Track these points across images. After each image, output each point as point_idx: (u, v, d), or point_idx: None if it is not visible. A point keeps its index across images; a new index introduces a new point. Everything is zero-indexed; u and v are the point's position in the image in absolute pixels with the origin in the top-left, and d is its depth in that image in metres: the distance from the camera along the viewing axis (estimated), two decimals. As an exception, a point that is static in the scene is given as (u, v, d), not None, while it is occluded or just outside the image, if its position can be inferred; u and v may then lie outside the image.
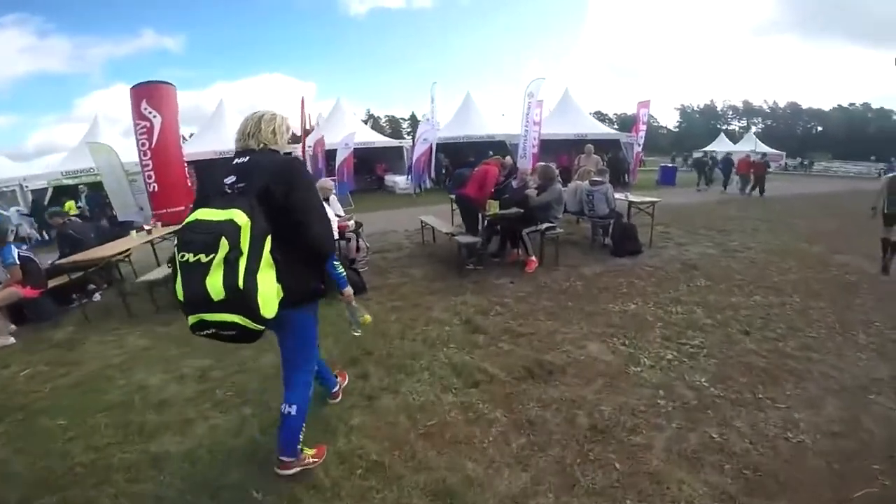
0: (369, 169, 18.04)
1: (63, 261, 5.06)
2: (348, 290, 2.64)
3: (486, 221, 5.53)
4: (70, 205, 12.76)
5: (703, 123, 59.61)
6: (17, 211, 12.74)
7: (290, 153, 2.11)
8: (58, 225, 5.86)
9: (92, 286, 5.49)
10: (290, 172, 1.82)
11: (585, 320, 3.84)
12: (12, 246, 4.74)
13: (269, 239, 1.68)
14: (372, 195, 15.93)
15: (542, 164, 6.17)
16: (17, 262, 4.61)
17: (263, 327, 1.69)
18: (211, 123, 15.99)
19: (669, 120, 70.49)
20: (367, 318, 2.90)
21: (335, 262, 2.32)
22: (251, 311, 1.62)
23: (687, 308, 4.03)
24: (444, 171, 16.55)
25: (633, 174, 16.74)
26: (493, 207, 5.15)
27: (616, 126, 26.60)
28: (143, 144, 11.13)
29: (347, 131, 16.09)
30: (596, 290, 4.62)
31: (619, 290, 4.59)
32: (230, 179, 1.77)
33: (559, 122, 17.01)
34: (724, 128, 53.34)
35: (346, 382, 2.88)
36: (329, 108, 18.23)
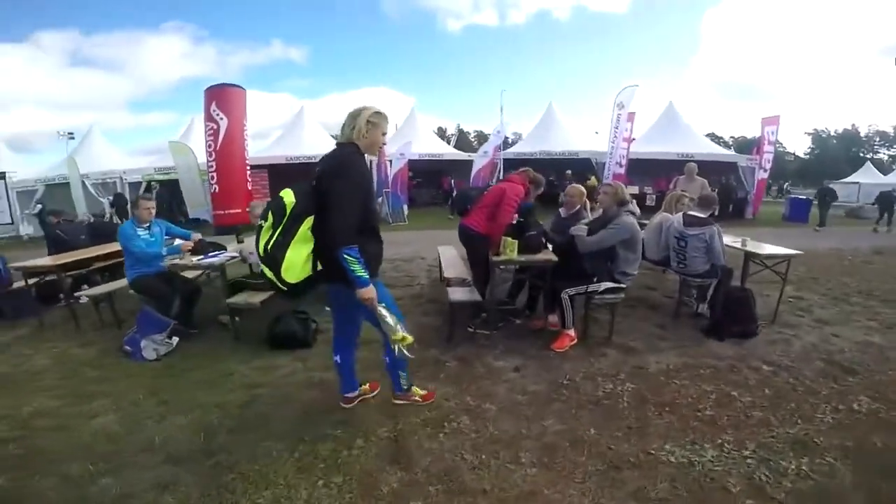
0: (437, 183, 17.10)
1: (15, 265, 4.73)
2: (364, 290, 2.07)
3: (511, 269, 3.96)
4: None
5: (841, 150, 49.99)
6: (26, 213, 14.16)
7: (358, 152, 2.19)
8: (51, 224, 5.88)
9: (85, 286, 5.04)
10: (338, 164, 2.08)
11: (606, 481, 2.00)
12: None
13: (310, 219, 2.03)
14: (434, 210, 14.88)
15: (609, 183, 4.25)
16: None
17: (286, 288, 2.06)
18: (290, 130, 16.25)
19: (797, 145, 60.68)
20: (405, 336, 2.15)
21: (349, 258, 2.02)
22: (275, 271, 2.01)
23: (828, 468, 2.06)
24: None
25: (753, 206, 13.51)
26: (510, 249, 3.45)
27: (733, 150, 22.49)
28: (209, 146, 11.32)
29: (418, 142, 15.41)
30: (655, 405, 2.63)
31: (697, 408, 2.60)
32: (318, 170, 2.12)
33: (660, 140, 14.52)
34: (868, 156, 44.46)
35: (371, 394, 2.76)
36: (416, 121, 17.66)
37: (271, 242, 1.98)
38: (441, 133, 43.69)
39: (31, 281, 4.62)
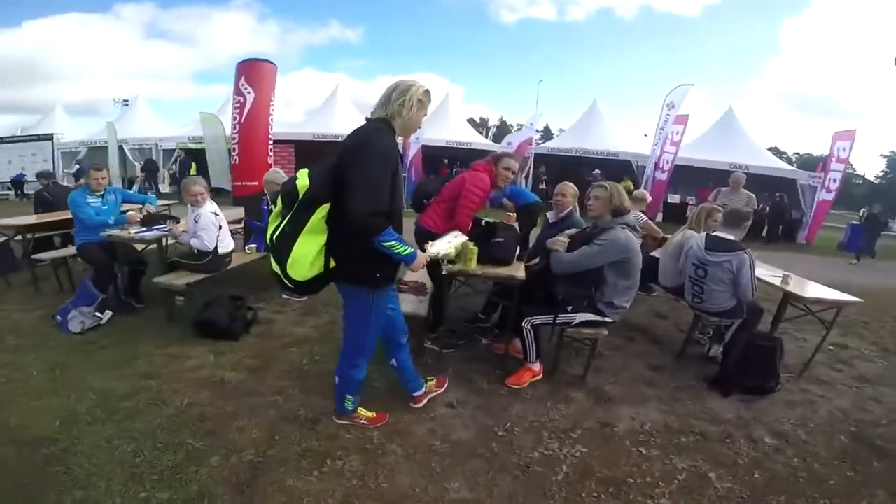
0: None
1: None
2: (415, 264, 1.92)
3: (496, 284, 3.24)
4: (192, 167, 13.93)
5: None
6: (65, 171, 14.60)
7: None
8: (42, 185, 5.90)
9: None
10: (361, 141, 1.74)
11: None
12: None
13: (325, 206, 1.72)
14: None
15: (602, 183, 2.76)
16: None
17: (292, 285, 1.78)
18: (323, 108, 16.08)
19: (868, 167, 54.28)
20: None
21: (387, 244, 1.76)
22: (281, 265, 1.75)
23: None
24: (542, 187, 14.08)
25: (809, 230, 12.00)
26: (469, 257, 2.68)
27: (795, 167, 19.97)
28: (234, 118, 11.24)
29: (448, 129, 14.84)
30: (599, 482, 1.96)
31: (652, 494, 1.93)
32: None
33: (713, 147, 13.17)
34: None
35: (438, 391, 2.53)
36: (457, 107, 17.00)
37: (278, 232, 1.75)
38: (483, 123, 42.83)
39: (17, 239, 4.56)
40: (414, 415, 2.39)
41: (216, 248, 3.50)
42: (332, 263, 1.79)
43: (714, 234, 3.09)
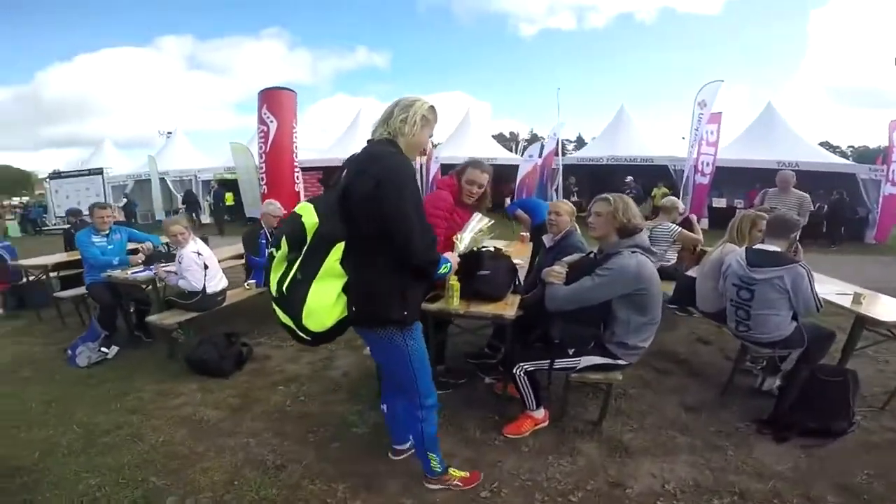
0: (498, 190, 16.18)
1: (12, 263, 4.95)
2: (453, 266, 1.80)
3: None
4: (229, 197, 14.52)
5: None
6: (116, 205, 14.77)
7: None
8: (70, 223, 6.16)
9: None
10: (390, 171, 1.49)
11: None
12: None
13: (339, 245, 1.50)
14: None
15: (606, 197, 2.21)
16: None
17: (309, 338, 1.55)
18: (347, 133, 16.34)
19: None
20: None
21: (441, 269, 1.68)
22: (295, 316, 1.50)
23: None
24: (574, 199, 13.54)
25: (877, 229, 10.77)
26: (452, 294, 2.25)
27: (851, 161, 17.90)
28: (260, 147, 11.60)
29: (469, 145, 14.66)
30: None
31: None
32: (343, 174, 1.59)
33: (754, 145, 12.25)
34: None
35: (466, 486, 1.95)
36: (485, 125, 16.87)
37: (287, 280, 1.48)
38: (513, 137, 42.51)
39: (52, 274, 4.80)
40: (389, 467, 2.10)
41: (204, 287, 3.39)
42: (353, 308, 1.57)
43: (756, 247, 2.59)
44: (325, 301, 1.49)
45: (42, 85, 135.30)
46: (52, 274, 4.75)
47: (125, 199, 15.27)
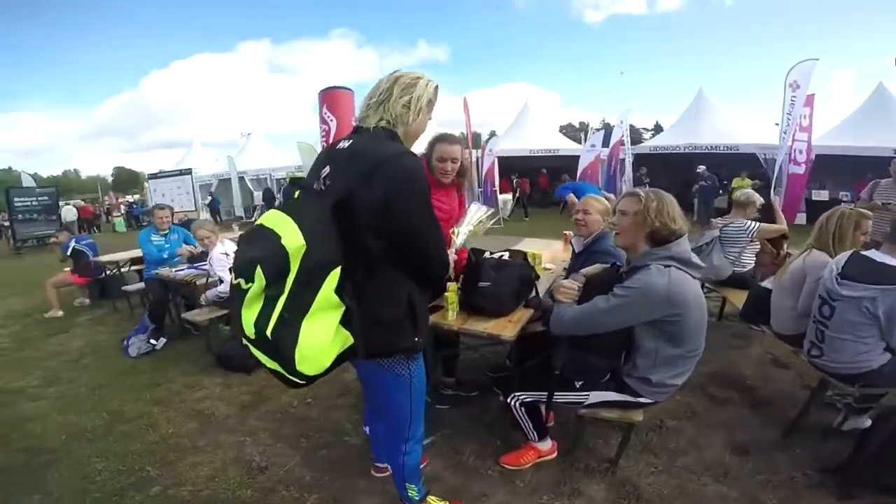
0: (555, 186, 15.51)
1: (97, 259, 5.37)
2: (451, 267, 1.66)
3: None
4: (296, 194, 15.47)
5: None
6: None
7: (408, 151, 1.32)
8: (145, 223, 6.61)
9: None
10: (392, 175, 1.20)
11: None
12: (73, 238, 5.42)
13: (335, 272, 1.15)
14: (548, 214, 13.40)
15: (635, 193, 1.75)
16: (68, 253, 5.29)
17: (304, 381, 1.20)
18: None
19: None
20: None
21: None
22: (285, 361, 1.15)
23: None
24: (645, 187, 12.47)
25: None
26: (449, 305, 2.01)
27: None
28: (322, 146, 12.14)
29: (530, 138, 14.14)
30: None
31: None
32: (325, 171, 1.27)
33: (863, 131, 10.40)
34: None
35: None
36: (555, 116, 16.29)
37: (270, 323, 1.11)
38: (583, 127, 40.58)
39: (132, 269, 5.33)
40: (367, 482, 1.99)
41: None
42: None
43: (866, 254, 2.00)
44: (321, 340, 1.17)
45: (146, 90, 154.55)
46: (133, 268, 5.26)
47: (210, 197, 16.81)
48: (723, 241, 3.45)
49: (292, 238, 1.10)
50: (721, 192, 11.42)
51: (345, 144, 1.29)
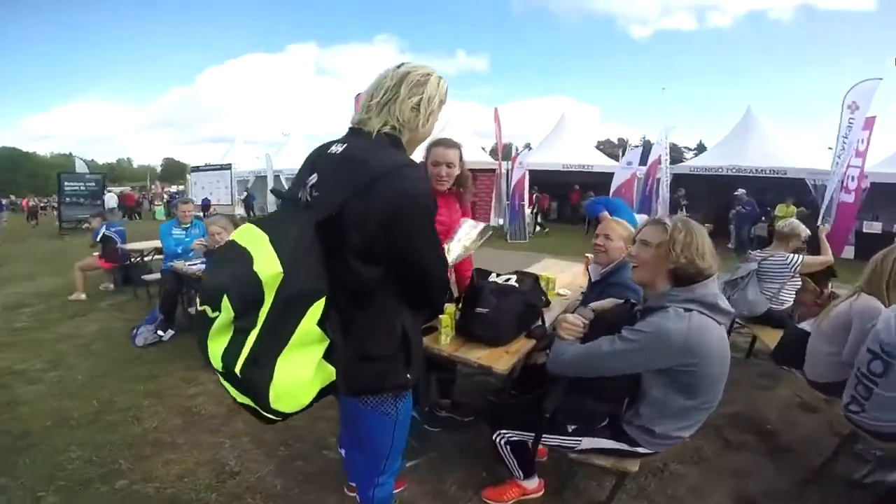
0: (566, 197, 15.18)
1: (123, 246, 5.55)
2: None
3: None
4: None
5: None
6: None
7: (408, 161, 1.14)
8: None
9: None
10: (397, 195, 1.02)
11: None
12: (104, 225, 5.62)
13: (319, 303, 0.97)
14: (576, 232, 13.02)
15: (661, 222, 1.51)
16: (98, 239, 5.52)
17: (280, 418, 1.03)
18: (440, 135, 16.54)
19: None
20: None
21: None
22: (257, 398, 0.97)
23: None
24: (682, 210, 11.99)
25: None
26: (443, 329, 1.89)
27: None
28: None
29: (563, 152, 13.83)
30: None
31: None
32: (312, 179, 1.10)
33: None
34: None
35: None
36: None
37: (240, 360, 0.95)
38: (621, 144, 39.67)
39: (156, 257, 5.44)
40: (338, 499, 1.89)
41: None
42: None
43: None
44: (300, 378, 1.01)
45: (201, 86, 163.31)
46: (156, 257, 5.34)
47: (246, 193, 17.37)
48: (761, 276, 3.15)
49: (267, 263, 0.94)
50: (763, 218, 10.80)
51: (337, 149, 1.11)
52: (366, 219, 1.01)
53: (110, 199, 16.77)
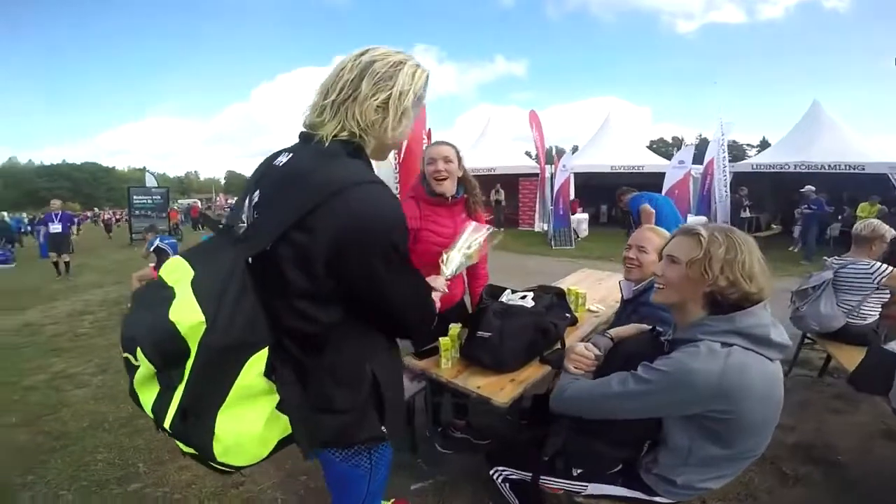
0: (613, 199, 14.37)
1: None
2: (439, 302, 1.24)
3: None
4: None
5: None
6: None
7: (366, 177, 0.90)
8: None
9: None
10: (346, 209, 0.82)
11: None
12: (158, 237, 6.01)
13: (261, 354, 0.81)
14: (618, 234, 12.38)
15: (690, 227, 1.20)
16: (151, 250, 5.88)
17: (238, 469, 0.88)
18: (478, 141, 16.30)
19: None
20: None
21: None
22: (203, 452, 0.82)
23: None
24: (744, 215, 11.08)
25: None
26: (444, 352, 1.75)
27: None
28: (395, 158, 12.41)
29: (610, 152, 13.24)
30: None
31: None
32: (255, 197, 0.95)
33: None
34: None
35: None
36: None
37: (168, 417, 0.80)
38: (676, 143, 37.70)
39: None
40: None
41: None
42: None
43: None
44: (248, 432, 0.85)
45: (255, 101, 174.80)
46: None
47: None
48: (838, 286, 2.68)
49: (187, 310, 0.77)
50: (840, 217, 9.72)
51: (283, 159, 0.94)
52: (307, 256, 0.83)
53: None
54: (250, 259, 0.84)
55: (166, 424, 0.80)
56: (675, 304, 1.21)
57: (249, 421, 0.84)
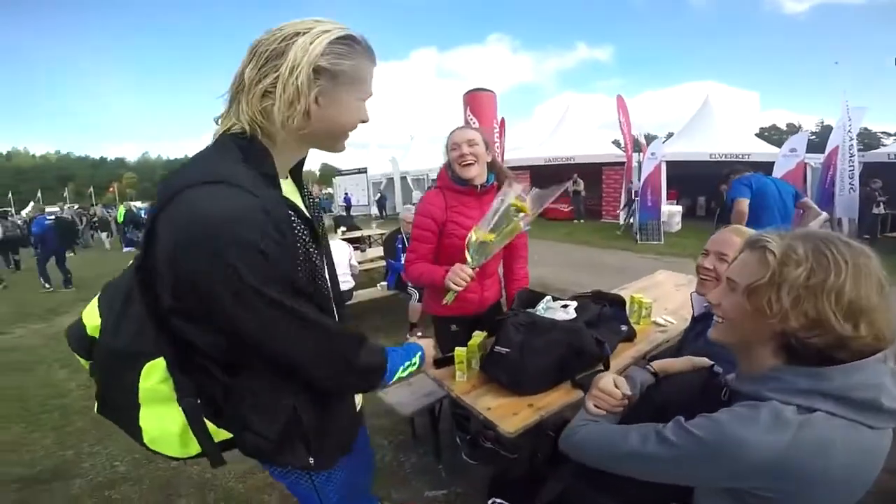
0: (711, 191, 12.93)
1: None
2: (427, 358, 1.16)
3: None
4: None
5: None
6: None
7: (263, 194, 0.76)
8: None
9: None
10: (177, 219, 0.70)
11: None
12: None
13: (155, 365, 0.77)
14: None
15: (760, 238, 0.81)
16: None
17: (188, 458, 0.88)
18: (555, 130, 15.62)
19: None
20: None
21: (395, 374, 1.03)
22: (134, 438, 0.86)
23: None
24: (876, 211, 9.42)
25: None
26: (458, 362, 1.57)
27: None
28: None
29: (710, 139, 11.97)
30: None
31: None
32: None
33: None
34: None
35: None
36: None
37: (97, 401, 0.89)
38: (791, 129, 33.11)
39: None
40: None
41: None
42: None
43: None
44: (169, 430, 0.81)
45: None
46: None
47: (379, 194, 19.03)
48: None
49: (90, 312, 0.84)
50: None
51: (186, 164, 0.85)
52: (156, 269, 0.73)
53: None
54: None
55: (96, 410, 0.89)
56: (736, 346, 0.87)
57: (167, 420, 0.80)
